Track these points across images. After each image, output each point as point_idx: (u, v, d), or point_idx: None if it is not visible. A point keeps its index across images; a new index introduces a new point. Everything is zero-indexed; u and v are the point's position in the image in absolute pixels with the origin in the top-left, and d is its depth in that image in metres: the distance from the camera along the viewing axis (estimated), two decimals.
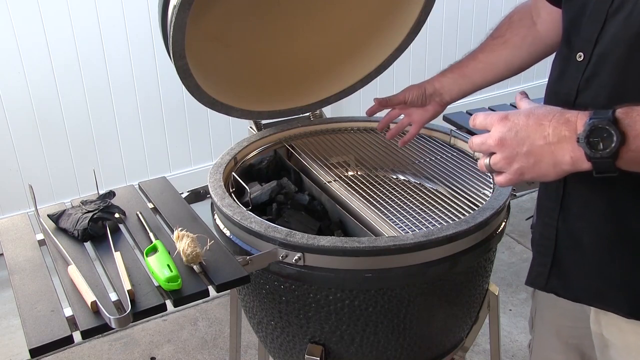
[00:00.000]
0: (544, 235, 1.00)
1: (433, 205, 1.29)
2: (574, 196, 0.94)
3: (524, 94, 0.91)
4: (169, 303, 0.98)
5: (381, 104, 1.42)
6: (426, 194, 1.33)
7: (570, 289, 0.98)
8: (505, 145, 0.82)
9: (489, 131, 0.85)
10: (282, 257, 1.09)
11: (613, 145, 0.74)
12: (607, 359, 0.99)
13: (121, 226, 1.20)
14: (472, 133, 1.54)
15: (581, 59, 0.90)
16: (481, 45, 1.31)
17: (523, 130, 0.80)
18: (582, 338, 1.08)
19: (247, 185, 1.29)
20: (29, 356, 0.91)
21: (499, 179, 0.86)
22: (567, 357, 1.14)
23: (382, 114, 1.47)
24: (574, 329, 1.09)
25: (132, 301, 0.96)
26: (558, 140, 0.78)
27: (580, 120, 0.77)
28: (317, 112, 1.63)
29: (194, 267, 1.04)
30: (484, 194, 1.27)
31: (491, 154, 0.85)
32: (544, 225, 1.00)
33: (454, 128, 1.54)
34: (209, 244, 1.08)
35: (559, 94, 0.95)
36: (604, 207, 0.90)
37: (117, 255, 1.07)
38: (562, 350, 1.14)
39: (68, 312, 0.95)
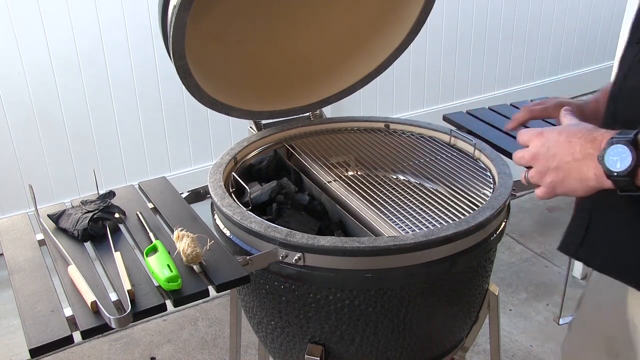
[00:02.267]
0: (581, 207, 1.01)
1: (433, 205, 1.29)
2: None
3: (569, 110, 0.95)
4: (169, 303, 0.98)
5: (532, 113, 1.33)
6: (426, 194, 1.33)
7: (596, 259, 0.99)
8: (538, 159, 0.87)
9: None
10: (282, 257, 1.09)
11: (628, 164, 0.76)
12: (635, 342, 1.00)
13: (121, 226, 1.20)
14: (472, 133, 1.54)
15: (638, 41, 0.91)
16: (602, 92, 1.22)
17: (554, 147, 0.85)
18: (613, 331, 1.08)
19: (247, 185, 1.29)
20: (29, 356, 0.91)
21: (537, 191, 0.91)
22: (596, 347, 1.14)
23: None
24: (612, 317, 1.10)
25: (132, 301, 0.96)
26: (583, 157, 0.82)
27: (605, 138, 0.80)
28: (317, 112, 1.63)
29: (194, 267, 1.04)
30: (484, 194, 1.27)
31: (529, 167, 0.90)
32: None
33: (454, 128, 1.54)
34: (209, 244, 1.08)
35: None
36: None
37: (117, 255, 1.07)
38: (595, 338, 1.15)
39: (68, 312, 0.95)
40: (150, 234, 1.14)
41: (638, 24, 0.91)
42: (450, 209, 1.25)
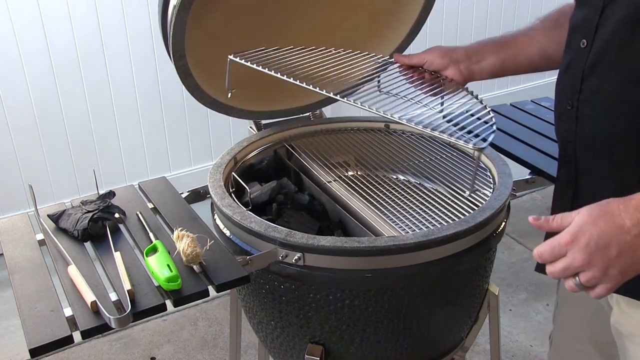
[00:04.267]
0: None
1: (433, 205, 1.28)
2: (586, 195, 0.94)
3: (537, 217, 0.85)
4: (169, 303, 0.98)
5: (398, 61, 1.32)
6: (426, 194, 1.33)
7: None
8: (593, 260, 0.78)
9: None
10: (282, 257, 1.09)
11: None
12: (622, 348, 1.00)
13: (121, 226, 1.20)
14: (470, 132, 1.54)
15: (584, 45, 0.91)
16: (530, 25, 1.23)
17: (601, 238, 0.78)
18: (601, 334, 1.08)
19: (247, 185, 1.29)
20: (29, 356, 0.91)
21: (598, 291, 0.81)
22: (587, 351, 1.14)
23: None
24: (595, 324, 1.10)
25: (132, 301, 0.96)
26: None
27: None
28: (317, 112, 1.63)
29: (194, 267, 1.04)
30: (484, 194, 1.27)
31: (576, 274, 0.81)
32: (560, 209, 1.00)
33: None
34: (209, 244, 1.08)
35: (566, 85, 0.96)
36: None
37: (117, 255, 1.07)
38: (582, 344, 1.15)
39: (68, 312, 0.95)
40: (150, 234, 1.14)
41: None
42: (450, 209, 1.25)
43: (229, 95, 1.36)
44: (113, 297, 0.99)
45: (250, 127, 1.57)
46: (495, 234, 1.18)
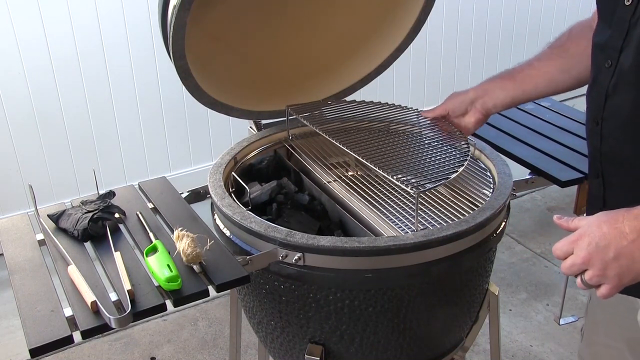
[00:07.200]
0: None
1: (433, 206, 1.28)
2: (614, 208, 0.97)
3: (560, 217, 0.93)
4: (169, 303, 0.98)
5: (424, 116, 1.38)
6: (426, 194, 1.33)
7: None
8: (593, 259, 0.84)
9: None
10: (282, 257, 1.09)
11: None
12: None
13: (121, 226, 1.20)
14: (474, 135, 1.54)
15: (609, 65, 0.94)
16: (538, 54, 1.27)
17: (602, 240, 0.84)
18: (633, 331, 1.09)
19: (247, 185, 1.29)
20: (29, 356, 0.91)
21: (601, 291, 0.87)
22: (618, 348, 1.15)
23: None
24: (626, 320, 1.11)
25: (132, 301, 0.96)
26: (638, 236, 0.82)
27: None
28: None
29: (194, 267, 1.04)
30: (483, 194, 1.27)
31: (583, 272, 0.87)
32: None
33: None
34: (209, 244, 1.08)
35: (592, 103, 0.99)
36: None
37: (117, 255, 1.07)
38: (613, 340, 1.16)
39: (68, 312, 0.95)
40: (150, 234, 1.14)
41: None
42: (450, 209, 1.25)
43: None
44: (113, 297, 0.99)
45: (250, 127, 1.57)
46: (495, 234, 1.18)
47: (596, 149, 1.02)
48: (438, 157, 1.27)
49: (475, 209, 1.19)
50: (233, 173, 1.34)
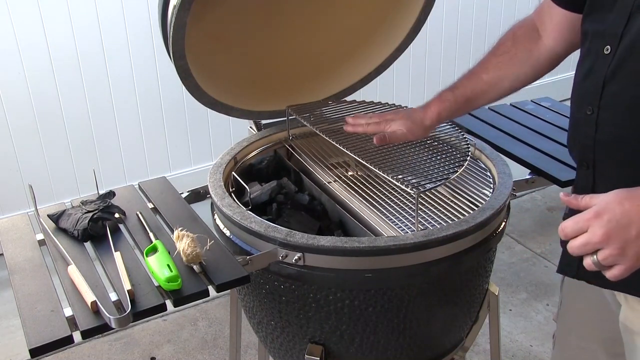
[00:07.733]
0: None
1: (433, 206, 1.28)
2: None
3: (567, 194, 0.89)
4: (169, 303, 0.98)
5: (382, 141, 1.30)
6: (426, 194, 1.33)
7: (599, 276, 0.99)
8: (612, 237, 0.80)
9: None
10: (282, 257, 1.09)
11: None
12: (631, 344, 1.01)
13: (121, 226, 1.20)
14: (472, 133, 1.54)
15: (608, 52, 0.93)
16: (483, 64, 1.21)
17: (624, 217, 0.80)
18: (607, 331, 1.09)
19: (247, 185, 1.29)
20: (29, 356, 0.91)
21: (614, 272, 0.82)
22: (591, 349, 1.14)
23: None
24: (600, 321, 1.10)
25: (132, 301, 0.96)
26: None
27: None
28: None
29: (194, 267, 1.04)
30: (484, 194, 1.27)
31: (595, 251, 0.83)
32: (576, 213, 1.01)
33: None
34: (209, 244, 1.08)
35: (586, 91, 0.97)
36: None
37: (117, 255, 1.07)
38: (587, 342, 1.15)
39: (68, 312, 0.95)
40: (150, 234, 1.14)
41: None
42: (450, 209, 1.25)
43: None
44: (113, 297, 0.99)
45: (250, 127, 1.57)
46: (495, 234, 1.18)
47: (589, 137, 0.99)
48: (438, 157, 1.26)
49: (475, 209, 1.19)
50: (233, 173, 1.34)
